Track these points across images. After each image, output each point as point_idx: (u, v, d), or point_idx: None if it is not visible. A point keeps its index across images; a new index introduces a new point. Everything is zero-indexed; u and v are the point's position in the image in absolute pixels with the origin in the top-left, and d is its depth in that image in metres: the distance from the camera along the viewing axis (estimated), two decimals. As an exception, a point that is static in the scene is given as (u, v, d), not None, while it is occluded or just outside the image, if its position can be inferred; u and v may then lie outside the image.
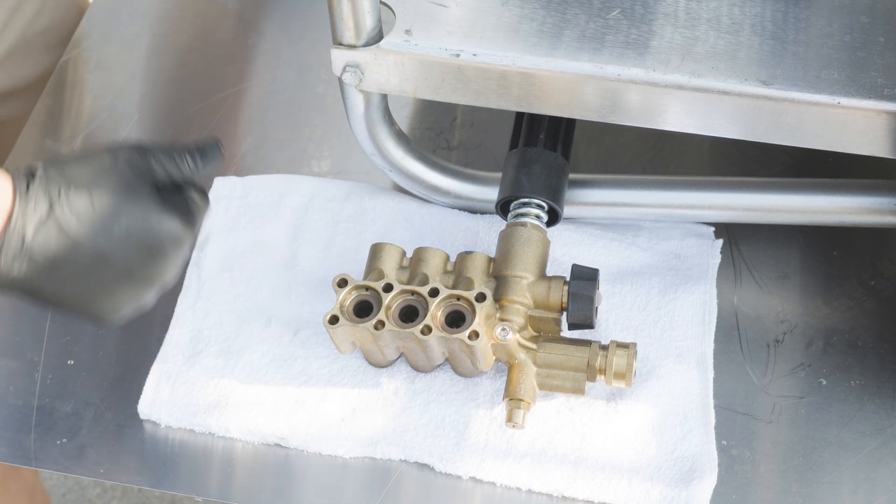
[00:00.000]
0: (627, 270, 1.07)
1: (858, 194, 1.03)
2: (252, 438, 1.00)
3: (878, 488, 0.96)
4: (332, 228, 1.11)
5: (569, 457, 0.97)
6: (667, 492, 0.95)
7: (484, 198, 1.10)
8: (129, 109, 1.24)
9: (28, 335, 1.07)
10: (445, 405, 1.00)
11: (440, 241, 1.09)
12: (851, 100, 0.89)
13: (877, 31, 0.93)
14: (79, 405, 1.03)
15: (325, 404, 1.00)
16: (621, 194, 1.08)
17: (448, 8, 0.97)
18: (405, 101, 1.22)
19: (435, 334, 0.94)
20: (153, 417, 1.01)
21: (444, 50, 0.94)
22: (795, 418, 1.00)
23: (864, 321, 1.05)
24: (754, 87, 0.90)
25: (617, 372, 0.95)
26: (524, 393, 0.95)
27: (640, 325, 1.03)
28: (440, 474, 0.98)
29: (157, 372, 1.03)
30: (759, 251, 1.10)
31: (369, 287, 0.96)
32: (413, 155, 1.08)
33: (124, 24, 1.32)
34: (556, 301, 0.97)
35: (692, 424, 0.98)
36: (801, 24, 0.95)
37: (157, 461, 1.00)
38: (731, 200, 1.06)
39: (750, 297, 1.07)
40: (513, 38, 0.94)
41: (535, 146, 1.05)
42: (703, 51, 0.93)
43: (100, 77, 1.28)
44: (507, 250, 0.99)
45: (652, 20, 0.95)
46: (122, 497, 2.01)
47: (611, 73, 0.92)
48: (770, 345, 1.04)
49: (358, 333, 0.96)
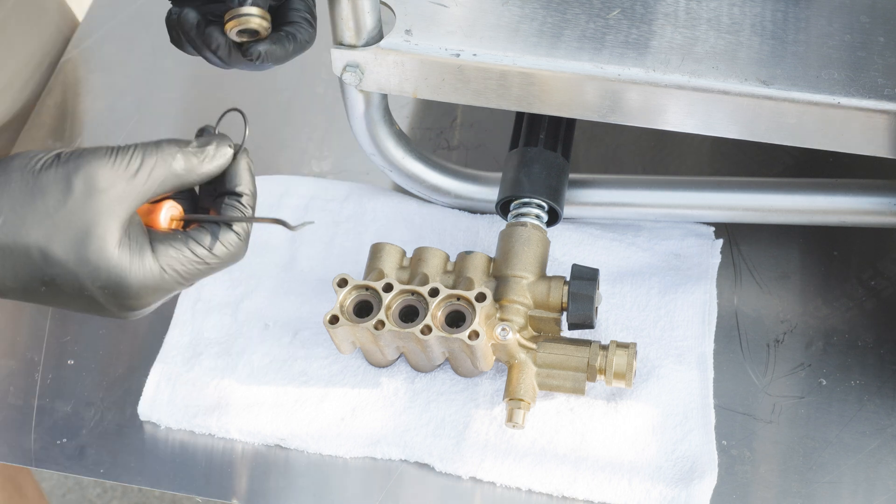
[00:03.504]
0: (627, 270, 1.07)
1: (858, 194, 1.03)
2: (252, 439, 1.00)
3: (878, 488, 0.96)
4: (332, 229, 1.11)
5: (569, 457, 0.97)
6: (667, 492, 0.95)
7: (484, 198, 1.10)
8: (129, 109, 1.24)
9: (28, 335, 1.07)
10: (445, 405, 1.00)
11: (440, 241, 1.09)
12: (851, 100, 0.89)
13: (877, 31, 0.93)
14: (79, 405, 1.03)
15: (325, 404, 1.00)
16: (621, 194, 1.08)
17: (448, 8, 0.97)
18: (405, 101, 1.22)
19: (435, 334, 0.94)
20: (153, 419, 1.01)
21: (444, 50, 0.94)
22: (795, 418, 1.00)
23: (864, 321, 1.05)
24: (754, 87, 0.90)
25: (617, 372, 0.95)
26: (524, 393, 0.95)
27: (640, 325, 1.03)
28: (440, 474, 0.98)
29: (157, 373, 1.03)
30: (759, 251, 1.10)
31: (369, 287, 0.96)
32: (413, 155, 1.08)
33: (124, 24, 1.32)
34: (556, 301, 0.97)
35: (692, 424, 0.98)
36: (801, 24, 0.95)
37: (157, 461, 1.00)
38: (731, 200, 1.06)
39: (750, 297, 1.07)
40: (513, 38, 0.94)
41: (535, 146, 1.05)
42: (704, 51, 0.93)
43: (100, 77, 1.28)
44: (507, 250, 0.99)
45: (652, 20, 0.95)
46: (122, 497, 2.01)
47: (611, 72, 0.92)
48: (770, 345, 1.04)
49: (358, 333, 0.96)
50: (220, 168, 0.76)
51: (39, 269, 0.70)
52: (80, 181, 0.70)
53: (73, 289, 0.71)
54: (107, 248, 0.70)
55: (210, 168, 0.75)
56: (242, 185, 0.77)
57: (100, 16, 1.33)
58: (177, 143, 0.74)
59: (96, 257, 0.70)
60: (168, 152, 0.73)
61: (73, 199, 0.70)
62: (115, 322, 1.08)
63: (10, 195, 0.69)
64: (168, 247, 0.73)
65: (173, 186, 0.75)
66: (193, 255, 0.74)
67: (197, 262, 0.74)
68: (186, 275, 0.74)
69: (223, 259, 0.75)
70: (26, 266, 0.70)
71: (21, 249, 0.69)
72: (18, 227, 0.69)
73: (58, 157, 0.71)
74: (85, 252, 0.70)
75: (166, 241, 0.74)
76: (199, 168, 0.75)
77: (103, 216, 0.70)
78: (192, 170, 0.75)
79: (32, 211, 0.69)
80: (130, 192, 0.72)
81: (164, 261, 0.73)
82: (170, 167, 0.73)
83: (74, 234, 0.70)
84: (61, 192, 0.70)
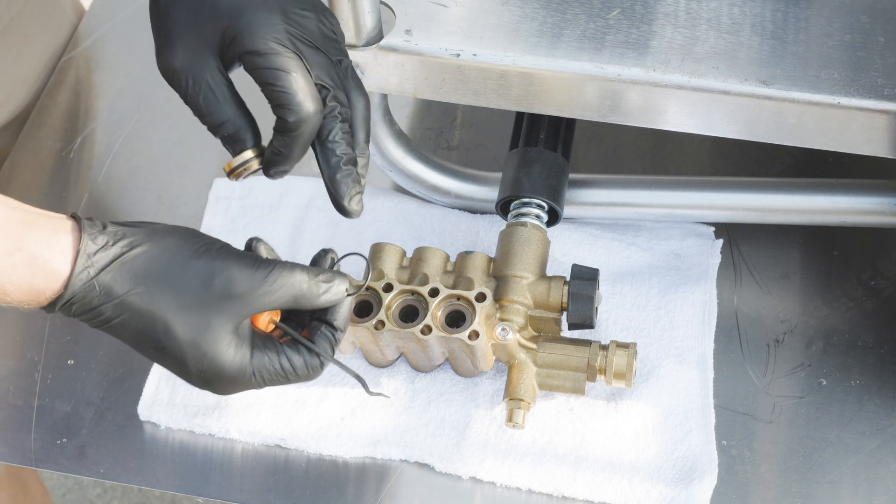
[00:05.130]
0: (627, 270, 1.07)
1: (858, 194, 1.03)
2: (252, 440, 1.00)
3: (878, 488, 0.96)
4: (332, 228, 1.11)
5: (569, 457, 0.97)
6: (667, 492, 0.95)
7: (484, 198, 1.10)
8: (129, 109, 1.24)
9: (28, 335, 1.07)
10: (446, 405, 1.00)
11: (440, 241, 1.09)
12: (851, 100, 0.89)
13: (877, 31, 0.93)
14: (79, 405, 1.03)
15: (325, 404, 1.00)
16: (621, 194, 1.08)
17: (448, 8, 0.97)
18: (405, 101, 1.22)
19: (435, 334, 0.94)
20: (153, 419, 1.01)
21: (444, 50, 0.94)
22: (795, 418, 1.00)
23: (864, 321, 1.05)
24: (754, 87, 0.90)
25: (617, 372, 0.95)
26: (524, 393, 0.95)
27: (640, 325, 1.03)
28: (440, 474, 0.98)
29: (157, 373, 1.03)
30: (759, 251, 1.10)
31: (369, 287, 0.96)
32: (413, 155, 1.08)
33: (124, 24, 1.32)
34: (556, 301, 0.97)
35: (692, 424, 0.98)
36: (801, 24, 0.95)
37: (157, 461, 1.00)
38: (731, 200, 1.06)
39: (750, 297, 1.07)
40: (513, 38, 0.94)
41: (535, 146, 1.05)
42: (704, 51, 0.93)
43: (100, 77, 1.28)
44: (507, 250, 0.99)
45: (652, 20, 0.95)
46: (122, 497, 2.01)
47: (611, 72, 0.92)
48: (770, 345, 1.04)
49: (358, 333, 0.96)
50: (332, 304, 0.82)
51: (157, 338, 0.78)
52: (220, 280, 0.78)
53: (177, 362, 0.79)
54: (219, 343, 0.79)
55: (324, 302, 0.81)
56: (340, 320, 0.83)
57: (100, 15, 1.33)
58: (307, 272, 0.81)
59: (207, 347, 0.78)
60: (299, 279, 0.80)
61: (208, 294, 0.78)
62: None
63: (161, 270, 0.78)
64: (263, 355, 0.81)
65: (289, 306, 0.81)
66: (281, 369, 0.82)
67: (281, 376, 0.82)
68: (269, 381, 0.82)
69: (301, 379, 0.83)
70: (147, 331, 0.78)
71: (149, 316, 0.77)
72: (157, 299, 0.77)
73: (209, 248, 0.79)
74: (200, 339, 0.78)
75: (263, 349, 0.81)
76: (315, 299, 0.81)
77: (226, 315, 0.78)
78: (310, 299, 0.81)
79: (171, 290, 0.77)
80: (255, 302, 0.79)
81: (256, 366, 0.81)
82: (294, 291, 0.80)
83: (198, 321, 0.78)
84: (201, 285, 0.78)
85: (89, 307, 0.77)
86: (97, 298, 0.76)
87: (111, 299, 0.77)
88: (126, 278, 0.77)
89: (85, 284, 0.76)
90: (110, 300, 0.77)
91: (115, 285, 0.76)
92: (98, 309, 0.77)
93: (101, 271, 0.76)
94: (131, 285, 0.77)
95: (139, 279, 0.77)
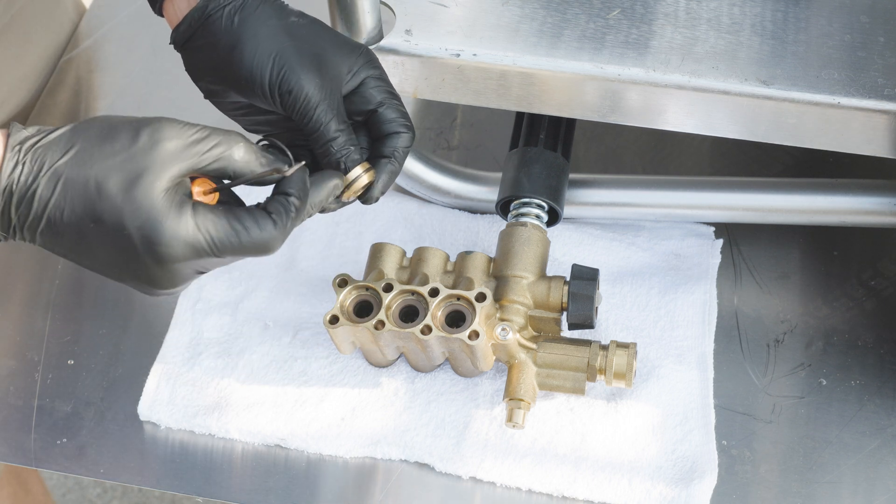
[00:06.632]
0: (627, 270, 1.07)
1: (858, 194, 1.03)
2: (252, 439, 1.00)
3: (878, 488, 0.96)
4: (331, 228, 1.11)
5: (569, 457, 0.97)
6: (667, 492, 0.95)
7: (484, 198, 1.10)
8: (129, 109, 1.24)
9: (28, 335, 1.07)
10: (446, 405, 1.00)
11: (440, 241, 1.09)
12: (851, 100, 0.89)
13: (877, 31, 0.94)
14: (79, 405, 1.03)
15: (325, 404, 1.00)
16: (621, 194, 1.08)
17: (448, 8, 0.97)
18: (405, 101, 1.22)
19: (435, 334, 0.94)
20: (153, 419, 1.01)
21: (444, 50, 0.94)
22: (795, 418, 1.00)
23: (864, 321, 1.05)
24: (754, 87, 0.90)
25: (617, 372, 0.95)
26: (524, 393, 0.95)
27: (640, 325, 1.03)
28: (440, 474, 0.98)
29: (157, 373, 1.03)
30: (759, 251, 1.10)
31: (369, 287, 0.97)
32: (413, 155, 1.08)
33: (124, 24, 1.32)
34: (556, 301, 0.97)
35: (692, 424, 0.98)
36: (801, 24, 0.95)
37: (157, 461, 1.00)
38: (731, 200, 1.06)
39: (750, 297, 1.07)
40: (513, 38, 0.94)
41: (535, 146, 1.05)
42: (704, 51, 0.93)
43: (100, 77, 1.28)
44: (507, 250, 0.99)
45: (652, 20, 0.95)
46: (122, 497, 2.01)
47: (611, 72, 0.92)
48: (770, 345, 1.04)
49: (358, 333, 0.96)
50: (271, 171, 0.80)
51: (92, 203, 0.76)
52: (147, 132, 0.76)
53: (116, 227, 0.76)
54: (152, 192, 0.75)
55: (265, 169, 0.79)
56: (295, 189, 0.80)
57: (100, 15, 1.33)
58: (244, 138, 0.79)
59: (141, 197, 0.75)
60: (233, 138, 0.78)
61: (136, 146, 0.76)
62: (116, 322, 1.08)
63: (86, 136, 0.76)
64: (207, 211, 0.77)
65: (227, 170, 0.79)
66: (228, 225, 0.77)
67: (230, 234, 0.78)
68: (218, 242, 0.77)
69: (255, 241, 0.78)
70: (82, 197, 0.75)
71: (81, 181, 0.75)
72: (84, 161, 0.76)
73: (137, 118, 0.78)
74: (133, 190, 0.75)
75: (207, 208, 0.78)
76: (255, 165, 0.79)
77: (157, 165, 0.76)
78: (248, 163, 0.79)
79: (100, 150, 0.76)
80: (188, 155, 0.77)
81: (200, 220, 0.77)
82: (230, 150, 0.78)
83: (129, 174, 0.75)
84: (129, 139, 0.76)
85: (25, 188, 0.75)
86: (31, 176, 0.75)
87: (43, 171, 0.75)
88: (56, 149, 0.76)
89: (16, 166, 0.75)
90: (42, 172, 0.75)
91: (46, 156, 0.75)
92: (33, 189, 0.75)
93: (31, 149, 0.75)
94: (61, 153, 0.75)
95: (68, 146, 0.76)
